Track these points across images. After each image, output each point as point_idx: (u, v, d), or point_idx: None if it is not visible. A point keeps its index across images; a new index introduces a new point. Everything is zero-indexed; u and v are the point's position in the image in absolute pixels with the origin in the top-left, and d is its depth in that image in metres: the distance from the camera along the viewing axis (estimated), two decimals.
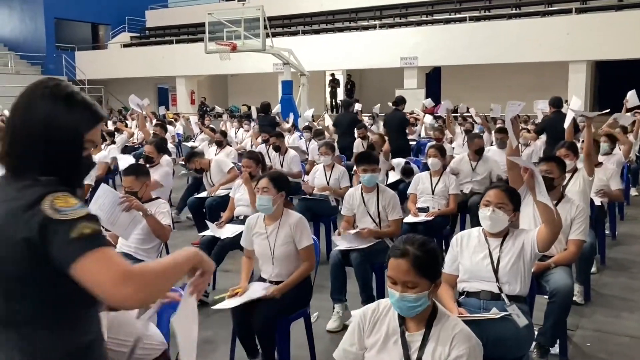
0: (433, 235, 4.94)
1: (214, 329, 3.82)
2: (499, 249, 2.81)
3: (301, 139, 10.66)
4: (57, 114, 1.42)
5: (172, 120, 16.73)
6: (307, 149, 9.81)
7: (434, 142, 7.99)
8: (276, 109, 15.23)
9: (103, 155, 7.79)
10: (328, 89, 22.11)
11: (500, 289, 2.76)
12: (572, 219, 3.52)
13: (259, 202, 3.36)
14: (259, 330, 3.07)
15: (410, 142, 9.88)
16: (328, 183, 5.88)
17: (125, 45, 25.83)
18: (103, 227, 3.73)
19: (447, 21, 18.99)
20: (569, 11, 16.69)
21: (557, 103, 7.75)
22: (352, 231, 4.11)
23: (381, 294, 4.21)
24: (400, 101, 9.12)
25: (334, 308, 4.11)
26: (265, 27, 15.26)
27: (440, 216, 5.12)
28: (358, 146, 8.46)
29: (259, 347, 3.20)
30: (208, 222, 4.78)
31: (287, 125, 11.82)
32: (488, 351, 2.03)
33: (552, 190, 3.58)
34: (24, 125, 1.42)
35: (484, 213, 2.84)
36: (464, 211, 5.74)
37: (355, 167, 5.71)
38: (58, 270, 1.28)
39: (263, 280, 3.36)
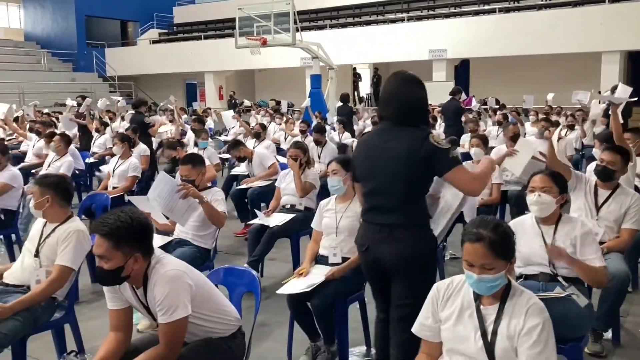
0: None
1: (267, 314, 3.93)
2: (553, 236, 2.85)
3: (334, 131, 10.72)
4: (424, 93, 2.59)
5: (203, 115, 16.97)
6: (340, 141, 9.91)
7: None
8: (306, 102, 15.37)
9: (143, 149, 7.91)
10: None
11: (555, 273, 2.80)
12: (627, 209, 3.54)
13: (330, 184, 3.52)
14: (318, 313, 3.16)
15: None
16: None
17: (154, 42, 26.17)
18: (163, 214, 3.88)
19: (476, 13, 18.85)
20: (602, 0, 16.43)
21: None
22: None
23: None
24: (457, 91, 10.16)
25: None
26: (295, 22, 15.33)
27: (483, 205, 5.15)
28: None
29: (318, 329, 3.29)
30: (257, 211, 4.90)
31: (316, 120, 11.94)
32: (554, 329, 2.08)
33: (610, 181, 3.60)
34: (409, 99, 2.56)
35: (530, 199, 2.91)
36: (504, 202, 5.77)
37: None
38: (433, 175, 2.50)
39: (322, 257, 3.47)
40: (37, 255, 3.09)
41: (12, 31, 27.87)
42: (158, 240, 3.95)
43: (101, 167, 7.87)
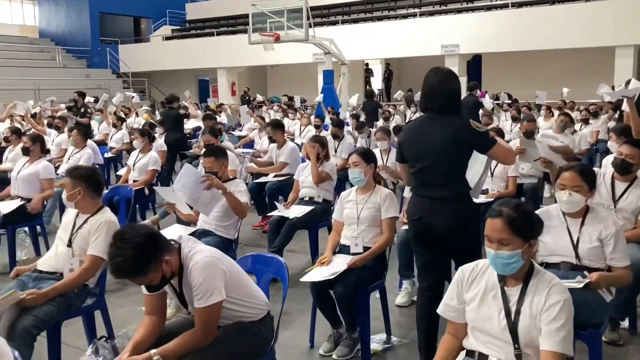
0: None
1: (290, 302, 3.99)
2: (579, 229, 2.88)
3: (348, 125, 10.79)
4: (460, 85, 3.04)
5: (216, 111, 17.11)
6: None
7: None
8: (318, 98, 15.43)
9: (160, 144, 8.05)
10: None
11: (579, 264, 2.84)
12: None
13: (351, 175, 3.61)
14: (341, 300, 3.25)
15: None
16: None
17: (167, 38, 26.33)
18: (187, 204, 3.98)
19: (488, 8, 18.80)
20: None
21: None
22: None
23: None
24: (474, 87, 10.90)
25: (401, 284, 4.28)
26: (308, 18, 15.40)
27: (499, 198, 5.20)
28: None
29: (340, 317, 3.38)
30: (277, 203, 4.99)
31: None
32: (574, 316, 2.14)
33: (628, 174, 3.64)
34: (450, 91, 2.97)
35: (560, 197, 2.89)
36: (519, 194, 5.81)
37: None
38: (471, 153, 3.01)
39: (343, 246, 3.56)
40: (69, 245, 3.20)
41: (27, 28, 28.11)
42: (182, 231, 4.05)
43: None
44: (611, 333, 3.39)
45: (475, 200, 3.18)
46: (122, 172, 7.00)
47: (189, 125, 11.63)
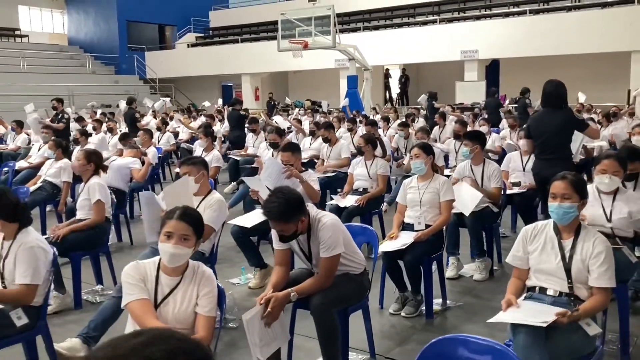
0: (526, 204, 5.74)
1: None
2: (612, 203, 3.53)
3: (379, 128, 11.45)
4: (566, 91, 4.88)
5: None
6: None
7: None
8: (344, 102, 16.17)
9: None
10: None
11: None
12: None
13: (414, 166, 4.31)
14: (410, 267, 3.93)
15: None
16: None
17: (192, 45, 27.21)
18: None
19: (506, 15, 19.42)
20: (631, 1, 16.90)
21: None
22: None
23: (491, 250, 5.04)
24: (495, 92, 13.60)
25: (448, 260, 4.95)
26: (334, 25, 16.14)
27: (531, 189, 5.86)
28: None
29: (406, 282, 4.06)
30: (333, 196, 5.68)
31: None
32: None
33: (633, 181, 4.26)
34: (560, 94, 4.81)
35: (601, 179, 3.55)
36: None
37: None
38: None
39: (407, 225, 4.25)
40: None
41: (56, 36, 29.17)
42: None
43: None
44: (635, 302, 3.96)
45: (575, 160, 5.29)
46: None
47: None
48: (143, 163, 6.54)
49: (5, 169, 7.59)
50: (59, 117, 11.10)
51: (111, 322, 3.42)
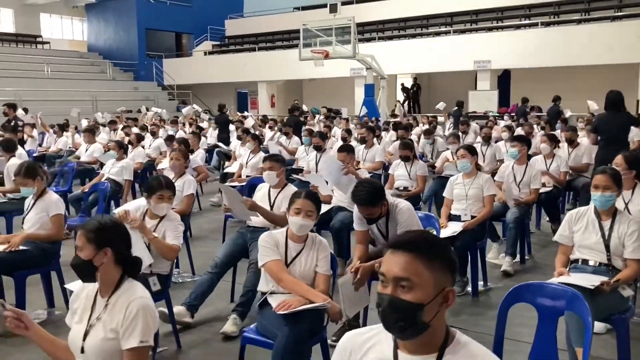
0: (552, 202, 6.34)
1: None
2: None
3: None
4: (623, 97, 6.43)
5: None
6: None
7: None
8: (362, 110, 16.82)
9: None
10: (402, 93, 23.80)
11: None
12: None
13: (460, 165, 4.94)
14: (460, 251, 4.52)
15: None
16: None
17: (209, 53, 27.95)
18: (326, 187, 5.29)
19: (518, 26, 20.06)
20: (639, 15, 17.51)
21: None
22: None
23: (523, 244, 5.62)
24: (526, 100, 15.71)
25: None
26: (354, 35, 16.80)
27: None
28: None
29: None
30: None
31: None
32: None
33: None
34: (618, 100, 6.30)
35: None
36: (568, 189, 7.13)
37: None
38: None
39: (454, 216, 4.85)
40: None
41: (76, 43, 29.93)
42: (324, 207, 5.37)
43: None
44: None
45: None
46: (230, 168, 8.35)
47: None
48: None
49: (65, 167, 8.19)
50: (12, 124, 10.48)
51: (208, 294, 4.07)
